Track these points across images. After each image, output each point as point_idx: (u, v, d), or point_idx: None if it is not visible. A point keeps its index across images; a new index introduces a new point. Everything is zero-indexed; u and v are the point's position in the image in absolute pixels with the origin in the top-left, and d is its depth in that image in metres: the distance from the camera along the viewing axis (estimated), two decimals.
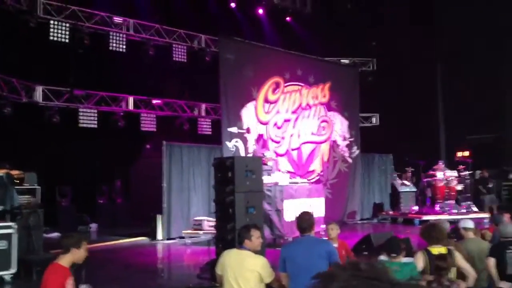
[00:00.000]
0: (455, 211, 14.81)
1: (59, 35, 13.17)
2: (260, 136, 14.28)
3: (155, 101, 15.97)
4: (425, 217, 14.34)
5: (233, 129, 13.33)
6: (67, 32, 13.33)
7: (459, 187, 15.54)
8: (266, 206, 10.68)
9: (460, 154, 16.56)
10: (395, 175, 17.57)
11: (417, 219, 14.79)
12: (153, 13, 15.32)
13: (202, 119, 16.87)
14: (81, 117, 14.43)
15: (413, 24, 17.42)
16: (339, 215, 15.33)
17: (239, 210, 7.26)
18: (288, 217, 11.32)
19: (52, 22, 13.14)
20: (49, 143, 14.01)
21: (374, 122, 19.43)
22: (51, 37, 13.06)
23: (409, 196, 16.41)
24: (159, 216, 12.93)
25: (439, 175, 15.38)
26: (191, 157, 13.74)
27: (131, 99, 15.55)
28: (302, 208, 11.28)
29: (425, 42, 17.88)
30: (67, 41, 13.34)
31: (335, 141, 16.79)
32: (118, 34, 14.40)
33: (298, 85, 15.75)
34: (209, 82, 14.97)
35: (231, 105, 13.62)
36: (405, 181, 16.74)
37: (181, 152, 13.54)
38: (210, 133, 16.61)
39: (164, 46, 15.50)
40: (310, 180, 15.17)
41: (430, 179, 15.74)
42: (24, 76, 13.49)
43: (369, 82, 18.44)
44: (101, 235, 14.18)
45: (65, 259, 4.09)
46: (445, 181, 15.30)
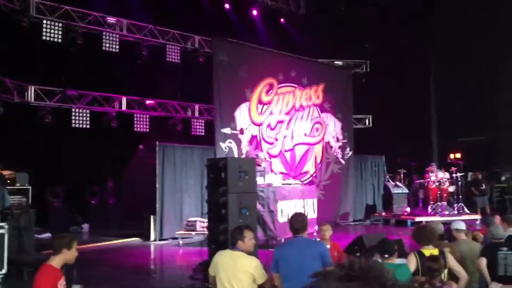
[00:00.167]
0: (447, 212, 14.89)
1: (52, 35, 13.10)
2: (253, 137, 14.29)
3: (148, 102, 15.93)
4: (418, 219, 14.42)
5: (227, 130, 13.34)
6: (60, 32, 13.26)
7: (451, 188, 15.63)
8: (259, 207, 10.67)
9: (452, 156, 16.64)
10: (388, 176, 17.65)
11: (409, 220, 14.86)
12: (146, 14, 15.27)
13: (195, 120, 16.85)
14: (73, 118, 14.36)
15: (407, 26, 17.49)
16: (331, 216, 15.35)
17: (232, 211, 7.26)
18: (281, 218, 11.34)
19: (45, 21, 13.06)
20: (41, 143, 13.94)
21: (367, 123, 19.49)
22: (44, 37, 12.99)
23: (401, 198, 16.49)
24: (151, 217, 12.90)
25: (432, 176, 15.45)
26: (184, 158, 13.72)
27: (124, 100, 15.50)
28: (295, 209, 11.33)
29: (418, 44, 17.96)
30: (60, 41, 13.28)
31: (328, 143, 16.83)
32: (111, 34, 14.35)
33: (292, 86, 15.77)
34: (203, 83, 14.96)
35: (225, 106, 13.61)
36: (398, 183, 16.81)
37: (174, 153, 13.52)
38: (203, 134, 16.60)
39: (157, 47, 15.47)
40: (303, 181, 15.20)
41: (422, 180, 15.81)
42: (16, 76, 13.41)
43: (362, 84, 18.49)
44: (93, 236, 14.12)
45: (56, 260, 4.12)
46: (437, 183, 15.38)
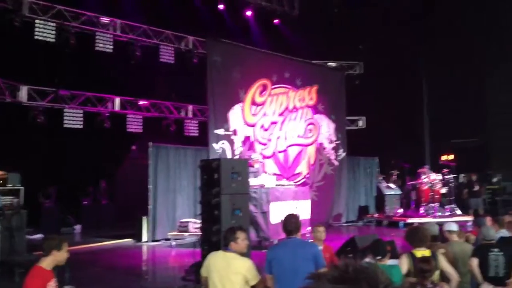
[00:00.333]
0: (439, 214, 14.96)
1: (44, 34, 13.05)
2: (246, 138, 14.28)
3: (141, 102, 15.89)
4: (410, 220, 14.46)
5: (220, 131, 13.33)
6: (53, 32, 13.21)
7: (443, 190, 15.70)
8: (252, 208, 10.68)
9: (444, 157, 16.72)
10: (381, 178, 17.70)
11: (401, 222, 14.91)
12: (140, 14, 15.24)
13: (189, 121, 16.83)
14: (66, 118, 14.30)
15: (400, 28, 17.57)
16: (324, 217, 15.37)
17: (225, 212, 7.26)
18: (274, 219, 11.34)
19: (37, 21, 13.00)
20: (33, 143, 13.87)
21: (361, 125, 19.54)
22: (36, 37, 12.93)
23: (394, 199, 16.53)
24: (144, 218, 12.86)
25: (424, 178, 15.53)
26: (177, 158, 13.70)
27: (117, 100, 15.45)
28: (288, 211, 11.31)
29: (411, 46, 18.06)
30: (53, 40, 13.22)
31: (321, 144, 16.86)
32: (104, 35, 14.31)
33: (285, 87, 15.79)
34: (196, 84, 14.95)
35: (218, 107, 13.61)
36: (391, 184, 16.87)
37: (167, 154, 13.50)
38: (196, 134, 16.58)
39: (151, 47, 15.44)
40: (296, 182, 15.20)
41: (415, 182, 15.88)
42: (8, 76, 13.32)
43: (355, 85, 18.54)
44: (85, 237, 14.05)
45: (46, 261, 4.14)
46: (429, 184, 15.45)
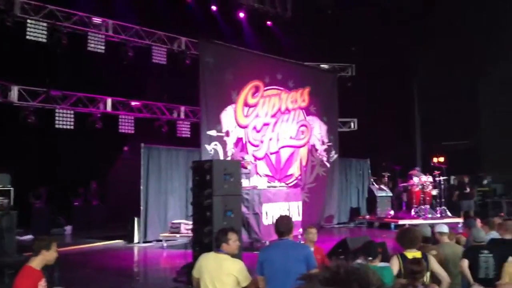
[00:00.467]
0: (430, 215, 15.05)
1: (36, 34, 12.97)
2: (239, 140, 14.28)
3: (133, 103, 15.83)
4: (401, 222, 14.53)
5: (212, 132, 13.31)
6: (45, 32, 13.14)
7: (434, 192, 15.81)
8: (244, 209, 10.67)
9: (435, 159, 16.83)
10: (372, 179, 17.78)
11: (393, 223, 14.99)
12: (132, 15, 15.19)
13: (181, 122, 16.79)
14: (57, 118, 14.21)
15: (393, 31, 17.67)
16: (316, 219, 15.40)
17: (217, 214, 7.26)
18: (266, 221, 11.36)
19: (29, 21, 12.92)
20: (24, 144, 13.78)
21: (353, 127, 19.60)
22: (28, 37, 12.85)
23: (385, 201, 16.60)
24: (136, 219, 12.82)
25: (415, 180, 15.61)
26: (169, 159, 13.68)
27: (109, 101, 15.38)
28: (279, 212, 11.34)
29: (404, 49, 18.16)
30: (44, 40, 13.15)
31: (313, 146, 16.89)
32: (96, 35, 14.25)
33: (278, 89, 15.81)
34: (189, 85, 14.92)
35: (211, 108, 13.59)
36: (382, 186, 16.94)
37: (159, 155, 13.47)
38: (189, 136, 16.54)
39: (143, 48, 15.39)
40: (288, 184, 15.21)
41: (406, 184, 15.97)
42: None
43: (347, 87, 18.60)
44: (76, 238, 13.97)
45: (36, 261, 4.18)
46: (420, 186, 15.54)
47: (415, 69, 19.31)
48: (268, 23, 18.54)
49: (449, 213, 15.39)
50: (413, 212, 15.30)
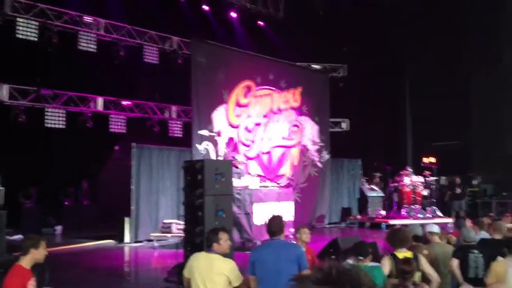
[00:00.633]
0: (420, 215, 15.14)
1: (27, 33, 12.87)
2: (230, 140, 14.28)
3: (125, 103, 15.75)
4: (392, 222, 14.61)
5: (204, 132, 13.28)
6: (35, 31, 13.04)
7: (425, 192, 15.90)
8: (235, 209, 10.68)
9: (426, 160, 16.93)
10: (364, 180, 17.84)
11: (383, 223, 15.06)
12: (124, 14, 15.13)
13: (172, 122, 16.73)
14: (48, 117, 14.11)
15: (384, 32, 17.76)
16: (307, 219, 15.43)
17: (208, 213, 7.25)
18: (257, 221, 11.36)
19: (20, 20, 12.83)
20: (14, 143, 13.67)
21: (344, 127, 19.66)
22: (18, 35, 12.76)
23: (376, 201, 16.68)
24: (127, 219, 12.77)
25: (406, 180, 15.69)
26: (160, 159, 13.64)
27: (100, 100, 15.29)
28: (271, 212, 11.34)
29: (395, 50, 18.26)
30: (35, 39, 13.06)
31: (305, 146, 16.92)
32: (88, 34, 14.17)
33: (270, 89, 15.82)
34: (181, 85, 14.88)
35: (202, 108, 13.58)
36: (373, 186, 17.01)
37: (150, 155, 13.43)
38: (180, 135, 16.49)
39: (135, 47, 15.33)
40: (280, 184, 15.22)
41: (397, 184, 16.05)
42: None
43: (339, 88, 18.65)
44: (66, 238, 13.90)
45: (25, 260, 4.20)
46: (411, 186, 15.62)
47: (406, 69, 19.42)
48: (260, 23, 18.55)
49: (440, 213, 15.49)
50: (403, 212, 15.38)
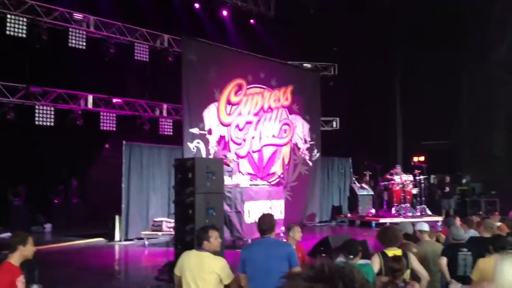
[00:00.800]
0: (410, 214, 15.23)
1: (16, 29, 12.75)
2: (221, 138, 14.27)
3: (115, 100, 15.67)
4: (382, 220, 14.70)
5: (195, 130, 13.28)
6: (25, 27, 12.92)
7: (415, 191, 16.02)
8: (226, 207, 10.68)
9: (416, 159, 17.03)
10: (354, 178, 17.91)
11: (373, 221, 15.14)
12: (115, 11, 15.03)
13: (163, 120, 16.67)
14: (37, 115, 13.99)
15: (374, 30, 17.81)
16: (298, 217, 15.47)
17: (199, 212, 7.25)
18: (248, 219, 11.37)
19: (9, 16, 12.70)
20: (3, 140, 13.55)
21: (335, 126, 19.71)
22: (7, 32, 12.63)
23: (366, 199, 16.77)
24: (117, 217, 12.72)
25: (396, 179, 15.79)
26: (151, 157, 13.60)
27: (90, 98, 15.19)
28: (262, 210, 11.37)
29: (385, 48, 18.34)
30: (24, 36, 12.94)
31: (296, 144, 16.96)
32: (78, 31, 14.07)
33: (261, 87, 15.83)
34: (171, 82, 14.83)
35: (193, 106, 13.55)
36: (364, 185, 17.09)
37: (141, 152, 13.38)
38: (171, 133, 16.44)
39: (125, 45, 15.24)
40: (271, 182, 15.26)
41: (387, 182, 16.14)
42: None
43: (330, 87, 18.69)
44: (56, 236, 13.82)
45: (14, 257, 4.23)
46: (401, 185, 15.72)
47: (396, 68, 19.51)
48: (251, 21, 18.54)
49: (429, 212, 15.60)
50: (393, 210, 15.47)
